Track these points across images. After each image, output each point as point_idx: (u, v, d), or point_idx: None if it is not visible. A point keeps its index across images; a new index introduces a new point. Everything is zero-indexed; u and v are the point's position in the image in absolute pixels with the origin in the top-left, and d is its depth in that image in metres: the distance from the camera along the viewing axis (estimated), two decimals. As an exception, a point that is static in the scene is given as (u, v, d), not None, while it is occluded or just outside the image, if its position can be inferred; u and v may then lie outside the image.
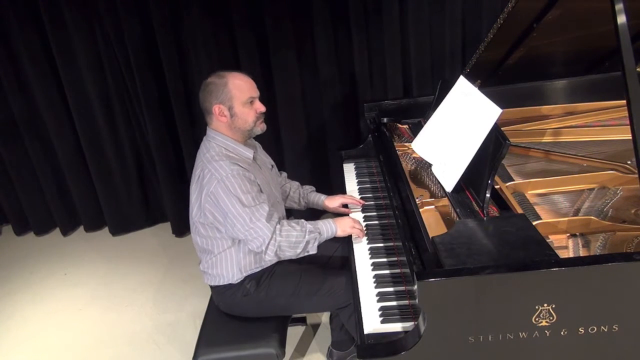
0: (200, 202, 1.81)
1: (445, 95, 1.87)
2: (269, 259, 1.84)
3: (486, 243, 1.37)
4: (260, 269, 1.92)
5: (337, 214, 2.15)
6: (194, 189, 1.86)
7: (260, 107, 1.87)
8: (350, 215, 2.04)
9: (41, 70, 3.08)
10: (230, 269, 1.89)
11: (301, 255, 1.84)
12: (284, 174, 2.26)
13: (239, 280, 1.91)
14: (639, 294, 1.23)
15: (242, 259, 1.88)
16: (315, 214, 3.27)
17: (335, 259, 2.07)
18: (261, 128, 1.90)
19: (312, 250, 1.84)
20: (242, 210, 1.74)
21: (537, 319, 1.24)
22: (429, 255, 1.40)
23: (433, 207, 1.76)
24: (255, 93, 1.86)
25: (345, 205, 2.11)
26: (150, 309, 2.80)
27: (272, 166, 2.10)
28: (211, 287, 1.99)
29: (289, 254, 1.82)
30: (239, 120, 1.83)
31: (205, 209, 1.80)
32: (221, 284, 1.92)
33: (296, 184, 2.24)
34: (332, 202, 2.12)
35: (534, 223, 1.47)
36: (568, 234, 1.56)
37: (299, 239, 1.79)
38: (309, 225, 1.83)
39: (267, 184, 1.93)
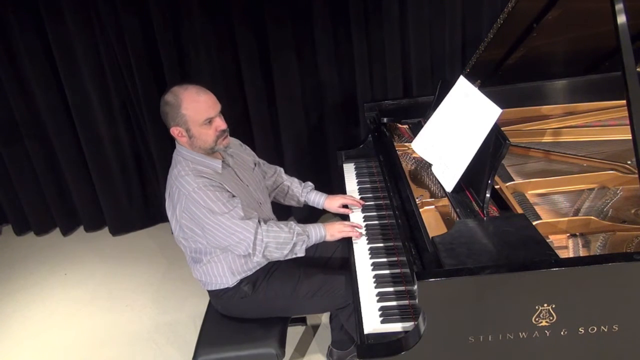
0: (176, 219, 1.80)
1: (445, 95, 1.87)
2: (257, 260, 1.82)
3: (486, 243, 1.37)
4: (255, 270, 1.92)
5: (337, 214, 2.15)
6: (167, 205, 1.84)
7: (221, 125, 1.76)
8: (350, 214, 2.04)
9: (41, 70, 3.08)
10: (223, 273, 1.88)
11: (288, 257, 1.82)
12: (280, 170, 2.22)
13: (234, 283, 1.90)
14: (639, 294, 1.23)
15: (232, 262, 1.87)
16: (314, 213, 3.27)
17: (334, 259, 2.07)
18: (224, 145, 1.80)
19: (300, 253, 1.82)
20: (216, 219, 1.72)
21: (537, 319, 1.24)
22: (429, 255, 1.40)
23: (433, 207, 1.76)
24: (214, 112, 1.74)
25: (345, 206, 2.11)
26: (150, 309, 2.80)
27: (255, 165, 2.05)
28: (208, 291, 1.98)
29: (276, 255, 1.80)
30: (198, 140, 1.76)
31: (184, 226, 1.79)
32: (217, 288, 1.92)
33: (296, 181, 2.21)
34: (332, 203, 2.11)
35: (534, 223, 1.47)
36: (568, 234, 1.56)
37: (287, 240, 1.78)
38: (297, 227, 1.82)
39: (245, 187, 1.89)
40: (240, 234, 1.73)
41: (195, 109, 1.72)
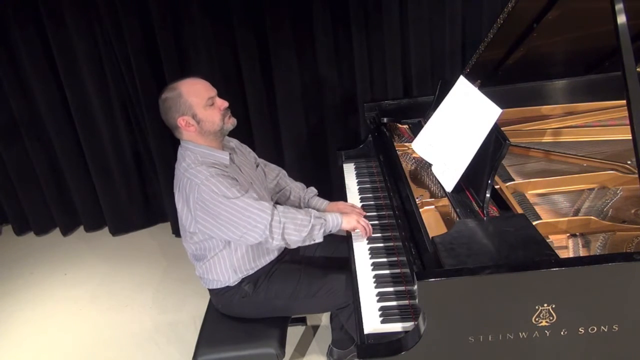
0: (189, 210, 1.79)
1: (445, 95, 1.87)
2: (277, 243, 1.75)
3: (486, 243, 1.37)
4: (256, 269, 1.92)
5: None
6: (177, 198, 1.84)
7: (223, 103, 1.83)
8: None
9: (41, 71, 3.08)
10: (225, 271, 1.88)
11: (307, 243, 1.79)
12: (283, 172, 2.21)
13: (235, 283, 1.90)
14: (639, 294, 1.23)
15: (236, 260, 1.87)
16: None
17: (334, 259, 2.06)
18: (232, 123, 1.86)
19: (318, 238, 1.79)
20: (231, 203, 1.71)
21: (537, 319, 1.24)
22: (429, 255, 1.40)
23: (433, 207, 1.76)
24: (213, 92, 1.81)
25: None
26: (150, 309, 2.80)
27: (258, 165, 2.06)
28: (209, 290, 1.98)
29: (295, 237, 1.75)
30: (207, 123, 1.79)
31: (198, 217, 1.77)
32: (218, 287, 1.92)
33: (300, 186, 2.19)
34: (334, 210, 2.05)
35: (534, 223, 1.47)
36: (568, 234, 1.56)
37: (304, 222, 1.75)
38: (314, 211, 1.81)
39: (250, 183, 1.90)
40: (257, 216, 1.71)
41: (196, 92, 1.77)
